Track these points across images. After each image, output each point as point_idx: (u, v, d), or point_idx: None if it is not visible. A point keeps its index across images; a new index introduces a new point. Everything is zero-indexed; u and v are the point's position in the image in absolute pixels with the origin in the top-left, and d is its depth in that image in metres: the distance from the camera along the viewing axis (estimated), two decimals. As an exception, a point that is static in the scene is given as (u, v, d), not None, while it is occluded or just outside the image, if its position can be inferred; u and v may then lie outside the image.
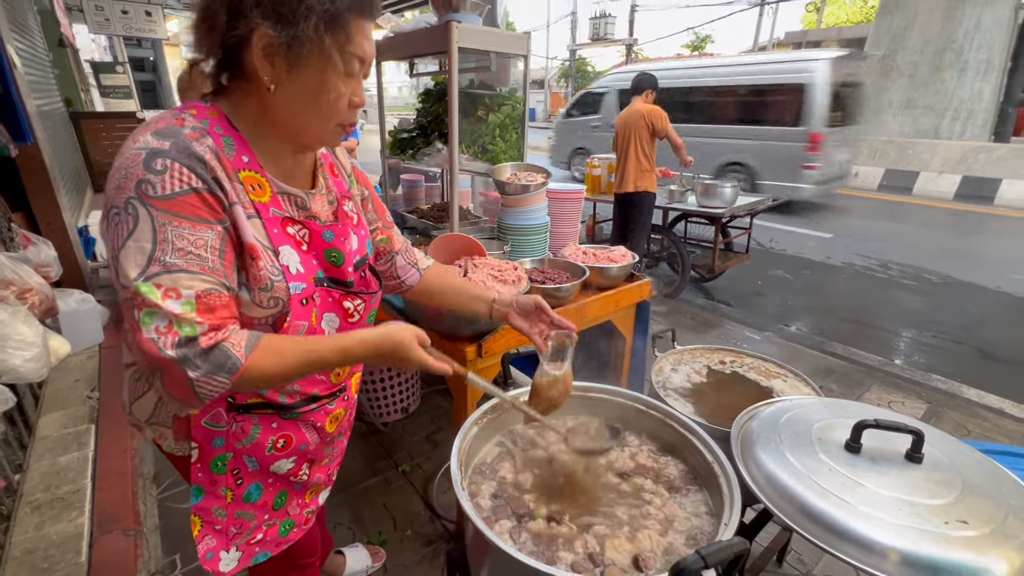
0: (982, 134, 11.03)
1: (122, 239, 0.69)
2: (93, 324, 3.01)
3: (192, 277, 0.71)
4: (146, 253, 0.69)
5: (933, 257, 5.87)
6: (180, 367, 0.69)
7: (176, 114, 0.77)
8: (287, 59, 0.75)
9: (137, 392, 0.93)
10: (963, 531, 0.89)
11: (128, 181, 0.70)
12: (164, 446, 0.95)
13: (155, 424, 0.93)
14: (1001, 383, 3.20)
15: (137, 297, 0.68)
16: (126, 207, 0.70)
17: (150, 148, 0.71)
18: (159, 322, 0.69)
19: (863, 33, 18.16)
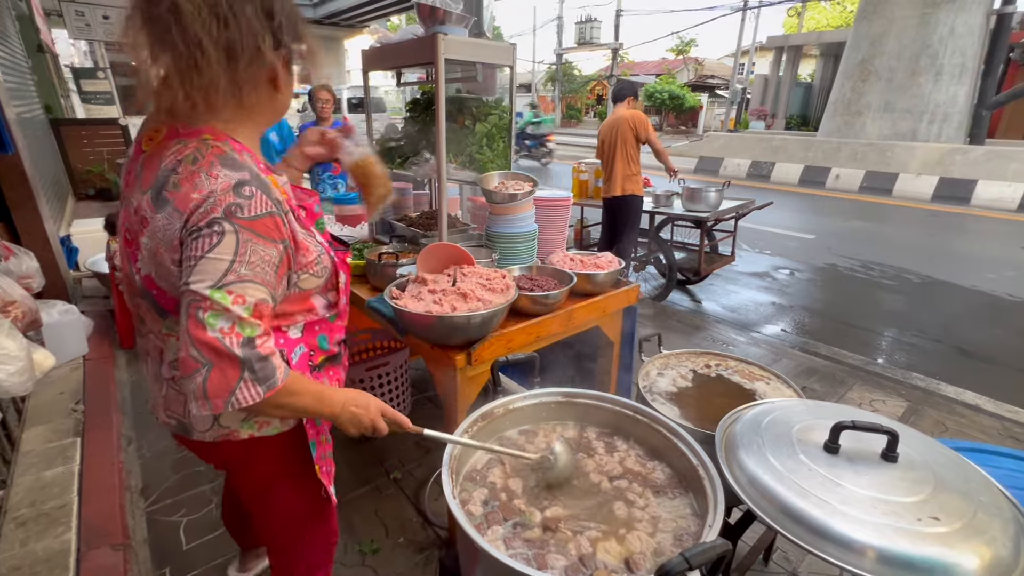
0: (957, 137, 11.33)
1: (203, 250, 0.80)
2: (77, 335, 2.98)
3: (256, 288, 0.83)
4: (225, 264, 0.80)
5: (913, 257, 6.02)
6: (239, 367, 0.80)
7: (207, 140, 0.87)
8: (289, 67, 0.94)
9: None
10: (935, 527, 0.93)
11: (217, 205, 0.81)
12: (267, 431, 1.04)
13: (254, 418, 1.02)
14: (978, 380, 3.30)
15: (207, 301, 0.79)
16: (211, 225, 0.80)
17: (236, 176, 0.83)
18: (224, 323, 0.79)
19: (842, 37, 18.55)
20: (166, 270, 0.86)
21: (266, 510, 1.17)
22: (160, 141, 0.89)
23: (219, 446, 1.03)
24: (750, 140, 13.59)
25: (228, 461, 1.12)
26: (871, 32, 11.81)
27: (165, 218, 0.83)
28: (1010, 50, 12.93)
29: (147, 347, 1.02)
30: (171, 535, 1.91)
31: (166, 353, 0.97)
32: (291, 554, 1.23)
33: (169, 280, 0.87)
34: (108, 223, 3.24)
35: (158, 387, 1.02)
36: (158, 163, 0.86)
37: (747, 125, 21.87)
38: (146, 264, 0.89)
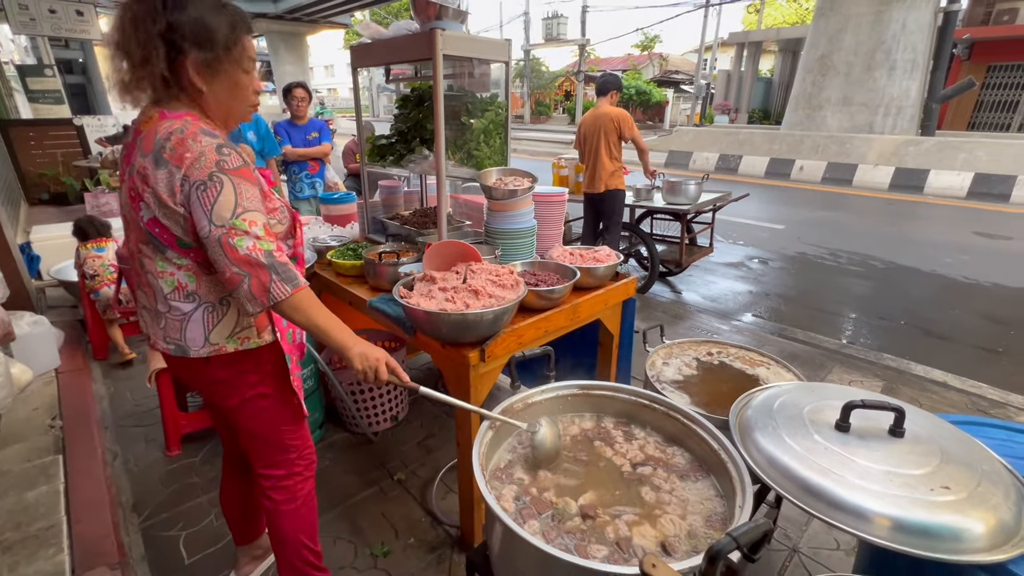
0: (911, 128, 11.91)
1: (214, 197, 1.05)
2: (48, 348, 2.83)
3: (259, 214, 1.10)
4: (232, 202, 1.06)
5: (876, 244, 6.31)
6: (268, 271, 1.07)
7: (188, 120, 1.11)
8: (209, 71, 1.12)
9: (213, 321, 1.21)
10: (946, 496, 0.99)
11: (208, 161, 1.06)
12: (248, 345, 1.25)
13: (237, 335, 1.23)
14: (943, 358, 3.50)
15: (232, 229, 1.05)
16: (211, 178, 1.06)
17: (215, 142, 1.09)
18: (248, 242, 1.06)
19: (800, 34, 19.22)
20: (170, 210, 1.09)
21: (253, 420, 1.33)
22: (153, 123, 1.11)
23: (210, 362, 1.23)
24: (717, 134, 13.94)
25: (216, 377, 1.27)
26: (829, 28, 12.26)
27: (166, 173, 1.07)
28: (953, 46, 13.64)
29: (144, 297, 1.24)
30: (171, 550, 1.85)
31: (160, 291, 1.18)
32: (279, 466, 1.41)
33: (172, 218, 1.10)
34: (78, 229, 3.08)
35: (156, 322, 1.23)
36: (154, 135, 1.09)
37: (712, 119, 22.42)
38: (149, 209, 1.11)
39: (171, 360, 1.29)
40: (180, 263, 1.16)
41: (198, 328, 1.20)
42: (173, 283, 1.17)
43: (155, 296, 1.20)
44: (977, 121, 17.22)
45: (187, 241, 1.13)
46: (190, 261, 1.16)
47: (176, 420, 2.35)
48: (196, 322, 1.20)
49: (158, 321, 1.22)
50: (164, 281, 1.17)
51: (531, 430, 1.17)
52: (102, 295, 3.00)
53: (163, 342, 1.23)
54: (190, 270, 1.16)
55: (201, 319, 1.20)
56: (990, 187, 9.36)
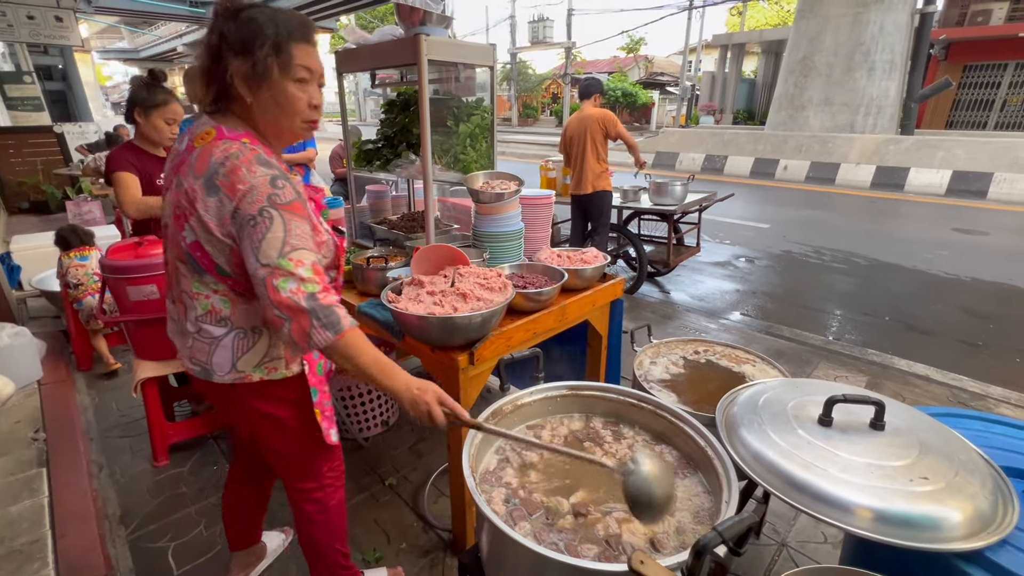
0: (890, 128, 12.15)
1: (262, 233, 1.01)
2: (30, 359, 2.78)
3: (307, 252, 1.05)
4: (280, 239, 1.01)
5: (859, 241, 6.42)
6: (309, 316, 1.00)
7: (245, 143, 1.08)
8: (255, 80, 1.06)
9: (243, 348, 1.19)
10: (925, 486, 1.02)
11: (260, 195, 1.02)
12: (275, 376, 1.23)
13: (264, 364, 1.21)
14: (925, 353, 3.57)
15: (278, 269, 1.00)
16: (261, 212, 1.02)
17: (270, 173, 1.05)
18: (292, 284, 1.00)
19: (782, 35, 19.53)
20: (215, 238, 1.07)
21: (278, 442, 1.32)
22: (209, 141, 1.07)
23: (236, 388, 1.21)
24: (703, 135, 14.10)
25: (241, 402, 1.25)
26: (809, 30, 12.48)
27: (217, 201, 1.04)
28: (930, 47, 13.94)
29: (175, 310, 1.22)
30: (159, 562, 1.82)
31: (192, 310, 1.16)
32: (309, 479, 1.39)
33: (215, 245, 1.08)
34: (60, 239, 3.03)
35: (183, 340, 1.21)
36: (209, 157, 1.05)
37: (697, 120, 22.67)
38: (193, 232, 1.08)
39: (196, 380, 1.26)
40: (216, 288, 1.14)
41: (226, 354, 1.18)
42: (207, 306, 1.15)
43: (185, 314, 1.18)
44: (955, 120, 17.61)
45: (227, 270, 1.11)
46: (226, 287, 1.14)
47: (163, 430, 2.32)
48: (225, 348, 1.17)
49: (185, 339, 1.20)
50: (198, 303, 1.15)
51: (623, 472, 0.97)
52: (86, 304, 2.96)
53: (188, 362, 1.22)
54: (226, 295, 1.15)
55: (231, 345, 1.17)
56: (968, 184, 9.57)
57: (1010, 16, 15.93)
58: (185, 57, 30.29)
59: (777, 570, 1.78)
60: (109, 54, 36.75)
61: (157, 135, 2.26)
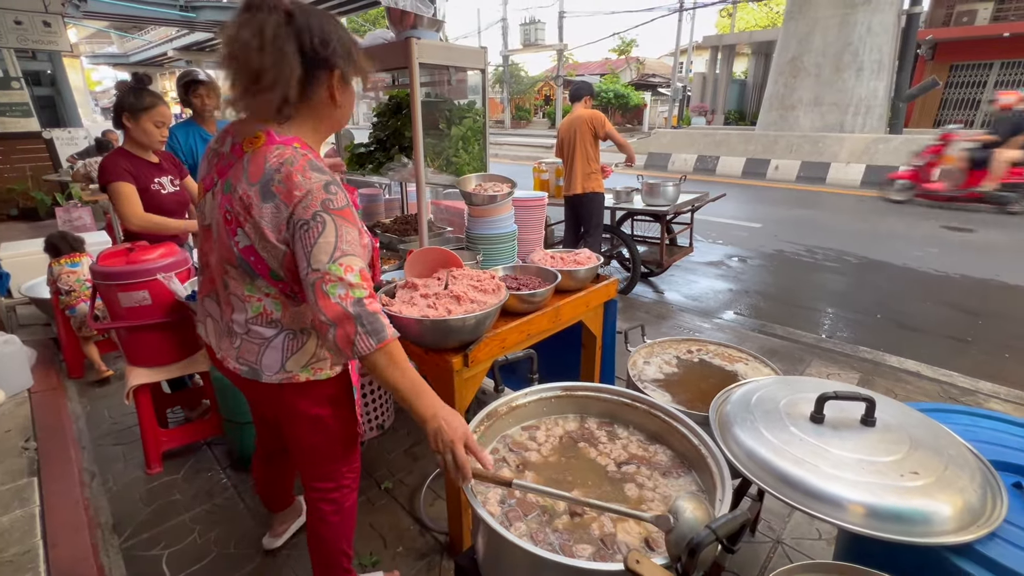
0: (879, 127, 12.27)
1: (314, 238, 1.03)
2: (20, 367, 2.75)
3: (356, 259, 1.05)
4: (332, 245, 1.03)
5: (850, 240, 6.48)
6: (355, 323, 1.00)
7: (297, 148, 1.10)
8: (345, 83, 1.15)
9: (293, 349, 1.22)
10: (916, 481, 1.03)
11: (315, 200, 1.04)
12: (320, 376, 1.26)
13: (311, 365, 1.24)
14: (916, 349, 3.61)
15: (328, 275, 1.01)
16: (314, 217, 1.03)
17: (324, 179, 1.06)
18: (341, 290, 1.00)
19: (771, 36, 19.69)
20: (271, 244, 1.09)
21: (311, 439, 1.36)
22: (260, 146, 1.09)
23: (283, 388, 1.24)
24: (695, 135, 14.19)
25: (286, 401, 1.28)
26: (798, 31, 12.60)
27: (273, 207, 1.06)
28: (917, 47, 14.11)
29: (218, 311, 1.25)
30: (153, 571, 1.81)
31: (243, 312, 1.19)
32: (329, 479, 1.43)
33: (271, 251, 1.10)
34: (50, 245, 3.00)
35: (230, 340, 1.23)
36: (263, 162, 1.07)
37: (689, 121, 22.80)
38: (247, 237, 1.10)
39: (239, 379, 1.29)
40: (269, 291, 1.17)
41: (276, 354, 1.21)
42: (259, 309, 1.18)
43: (232, 314, 1.21)
44: (942, 119, 17.81)
45: (280, 274, 1.14)
46: (278, 291, 1.17)
47: (156, 437, 2.31)
48: (275, 348, 1.21)
49: (232, 340, 1.22)
50: (250, 306, 1.18)
51: (662, 527, 0.87)
52: (78, 311, 2.93)
53: (234, 362, 1.23)
54: (277, 299, 1.18)
55: (281, 345, 1.21)
56: (956, 182, 9.67)
57: (995, 16, 16.16)
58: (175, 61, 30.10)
59: (772, 567, 1.79)
60: (98, 59, 36.47)
61: (147, 139, 2.25)
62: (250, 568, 1.81)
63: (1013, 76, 16.16)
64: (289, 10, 1.05)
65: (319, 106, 1.14)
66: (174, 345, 2.28)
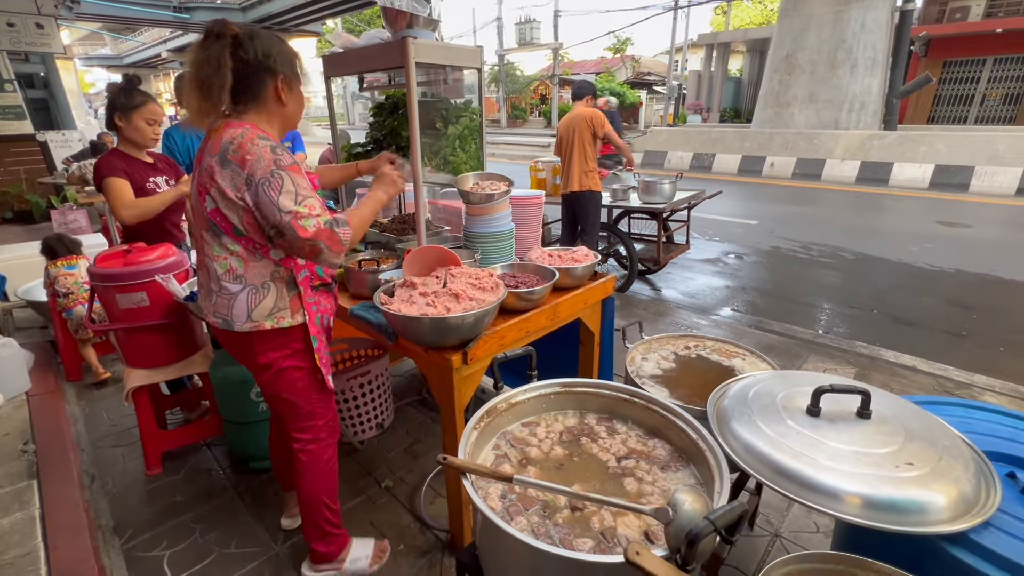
0: (874, 124, 12.32)
1: (278, 190, 1.28)
2: (18, 371, 2.75)
3: (314, 198, 1.33)
4: (293, 193, 1.30)
5: (846, 236, 6.51)
6: (332, 230, 1.32)
7: (247, 128, 1.33)
8: (289, 86, 1.42)
9: (256, 302, 1.41)
10: (911, 472, 1.04)
11: (267, 161, 1.29)
12: (283, 324, 1.45)
13: (274, 315, 1.44)
14: (911, 344, 3.63)
15: (298, 214, 1.28)
16: (271, 174, 1.28)
17: (269, 143, 1.32)
18: (312, 221, 1.29)
19: (766, 34, 19.73)
20: (231, 201, 1.31)
21: (286, 389, 1.53)
22: (220, 130, 1.33)
23: (251, 336, 1.44)
24: (691, 133, 14.22)
25: (254, 350, 1.47)
26: (792, 28, 12.63)
27: (231, 172, 1.30)
28: (911, 43, 14.17)
29: (203, 276, 1.45)
30: (155, 571, 1.81)
31: (214, 272, 1.40)
32: (307, 431, 1.60)
33: (232, 209, 1.32)
34: (46, 248, 2.99)
35: (209, 299, 1.44)
36: (220, 140, 1.32)
37: (685, 119, 22.83)
38: (212, 201, 1.33)
39: (219, 332, 1.49)
40: (232, 249, 1.37)
41: (243, 306, 1.41)
42: (226, 266, 1.39)
43: (208, 275, 1.42)
44: (936, 115, 17.90)
45: (241, 229, 1.34)
46: (241, 248, 1.37)
47: (155, 438, 2.31)
48: (241, 301, 1.40)
49: (210, 298, 1.44)
50: (218, 264, 1.39)
51: (661, 519, 0.88)
52: (75, 313, 2.92)
53: (212, 316, 1.45)
54: (240, 256, 1.38)
55: (245, 299, 1.41)
56: (950, 178, 9.74)
57: (988, 12, 16.24)
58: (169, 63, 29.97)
59: (771, 560, 1.80)
60: (92, 61, 36.30)
61: (140, 137, 2.24)
62: (252, 567, 1.81)
63: (1006, 72, 16.25)
64: (236, 34, 1.31)
65: (268, 104, 1.39)
66: (173, 346, 2.28)
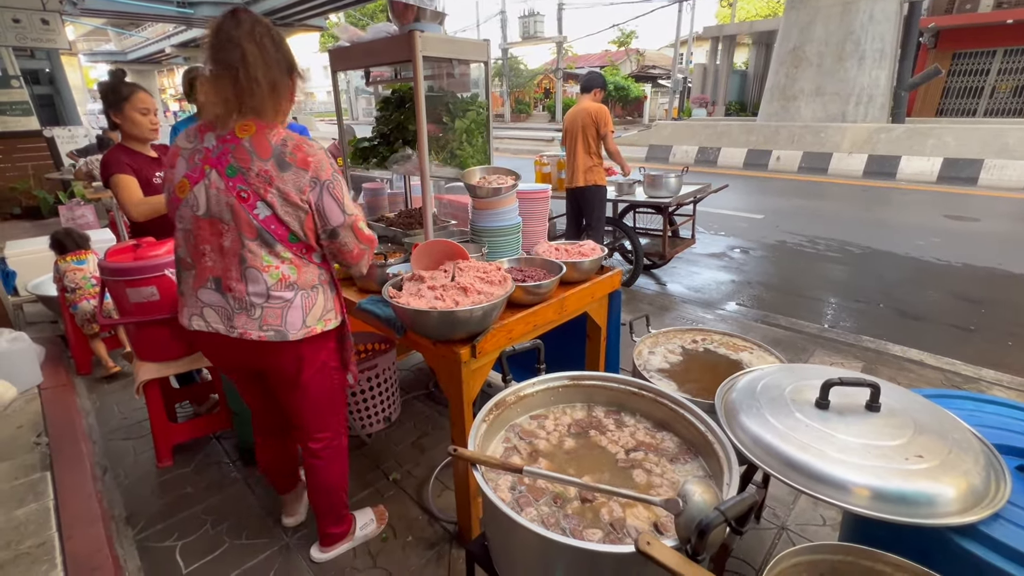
0: (881, 116, 12.21)
1: (341, 193, 1.35)
2: (30, 364, 2.78)
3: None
4: (349, 197, 1.39)
5: (852, 230, 6.47)
6: (375, 242, 1.50)
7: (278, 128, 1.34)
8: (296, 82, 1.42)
9: (309, 306, 1.42)
10: (920, 464, 1.04)
11: (327, 163, 1.34)
12: (330, 326, 1.48)
13: (323, 317, 1.46)
14: (919, 338, 3.62)
15: (357, 217, 1.39)
16: (334, 177, 1.34)
17: (321, 147, 1.37)
18: (365, 224, 1.43)
19: (772, 26, 19.54)
20: (294, 205, 1.30)
21: (320, 389, 1.54)
22: (255, 132, 1.30)
23: (301, 343, 1.42)
24: (696, 127, 14.13)
25: (303, 355, 1.46)
26: (799, 20, 12.50)
27: (293, 174, 1.29)
28: (919, 35, 14.01)
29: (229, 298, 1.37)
30: (167, 561, 1.84)
31: (261, 284, 1.35)
32: (329, 429, 1.63)
33: (294, 214, 1.31)
34: (55, 243, 3.02)
35: (247, 315, 1.37)
36: (267, 143, 1.29)
37: (690, 113, 22.68)
38: (268, 208, 1.29)
39: (258, 347, 1.40)
40: (285, 256, 1.35)
41: (298, 313, 1.39)
42: (278, 275, 1.35)
43: (248, 290, 1.35)
44: (945, 107, 17.71)
45: (300, 234, 1.34)
46: (293, 255, 1.36)
47: (166, 431, 2.33)
48: (296, 308, 1.39)
49: (251, 312, 1.37)
50: (269, 275, 1.35)
51: (671, 510, 0.87)
52: (80, 308, 2.95)
53: (258, 330, 1.38)
54: (293, 263, 1.37)
55: (301, 305, 1.40)
56: (958, 171, 9.65)
57: (998, 3, 16.00)
58: (174, 58, 29.98)
59: (777, 553, 1.81)
60: (96, 57, 36.34)
61: (138, 130, 2.25)
62: (262, 558, 1.84)
63: (1016, 64, 16.04)
64: (264, 21, 1.30)
65: (282, 102, 1.37)
66: (182, 340, 2.29)
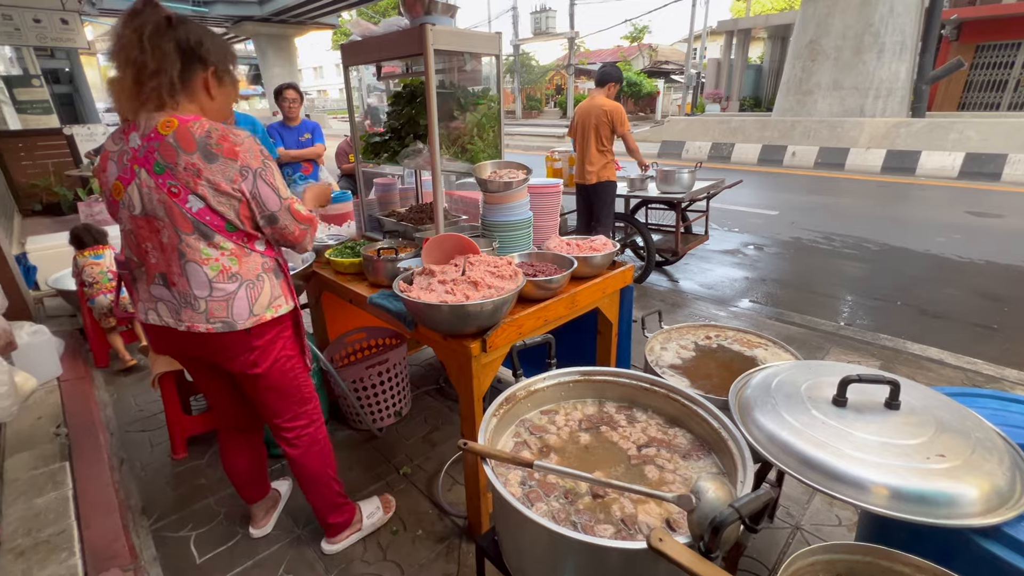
0: (901, 111, 11.94)
1: (273, 176, 1.34)
2: (49, 357, 2.83)
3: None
4: (282, 181, 1.37)
5: (869, 226, 6.35)
6: (316, 220, 1.50)
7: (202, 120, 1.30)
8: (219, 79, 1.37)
9: (255, 295, 1.40)
10: (941, 464, 1.02)
11: (256, 150, 1.32)
12: (280, 311, 1.47)
13: (272, 304, 1.44)
14: (939, 336, 3.54)
15: (292, 200, 1.40)
16: (264, 164, 1.32)
17: (247, 132, 1.33)
18: (301, 205, 1.42)
19: (788, 20, 19.20)
20: (226, 194, 1.28)
21: (282, 378, 1.53)
22: (178, 126, 1.26)
23: (251, 332, 1.41)
24: (709, 123, 13.95)
25: (255, 344, 1.44)
26: (817, 13, 12.26)
27: (221, 164, 1.26)
28: (941, 27, 13.66)
29: (172, 293, 1.35)
30: (182, 551, 1.87)
31: (202, 277, 1.32)
32: (301, 417, 1.63)
33: (228, 203, 1.30)
34: (74, 237, 3.07)
35: (192, 309, 1.35)
36: (189, 135, 1.25)
37: (703, 108, 22.41)
38: (200, 200, 1.27)
39: (208, 339, 1.39)
40: (225, 247, 1.33)
41: (244, 303, 1.38)
42: (218, 267, 1.34)
43: (191, 284, 1.33)
44: (967, 101, 17.27)
45: (237, 223, 1.32)
46: (233, 245, 1.34)
47: (181, 424, 2.36)
48: (241, 298, 1.37)
49: (195, 306, 1.35)
50: (209, 267, 1.32)
51: (684, 506, 0.88)
52: (97, 303, 3.00)
53: (206, 323, 1.36)
54: (233, 254, 1.35)
55: (245, 295, 1.38)
56: (981, 166, 9.41)
57: (1024, -7, 15.55)
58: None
59: (791, 552, 1.78)
60: (114, 56, 36.86)
61: None
62: (274, 549, 1.86)
63: (1043, 56, 15.59)
64: (168, 15, 1.26)
65: (197, 97, 1.34)
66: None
